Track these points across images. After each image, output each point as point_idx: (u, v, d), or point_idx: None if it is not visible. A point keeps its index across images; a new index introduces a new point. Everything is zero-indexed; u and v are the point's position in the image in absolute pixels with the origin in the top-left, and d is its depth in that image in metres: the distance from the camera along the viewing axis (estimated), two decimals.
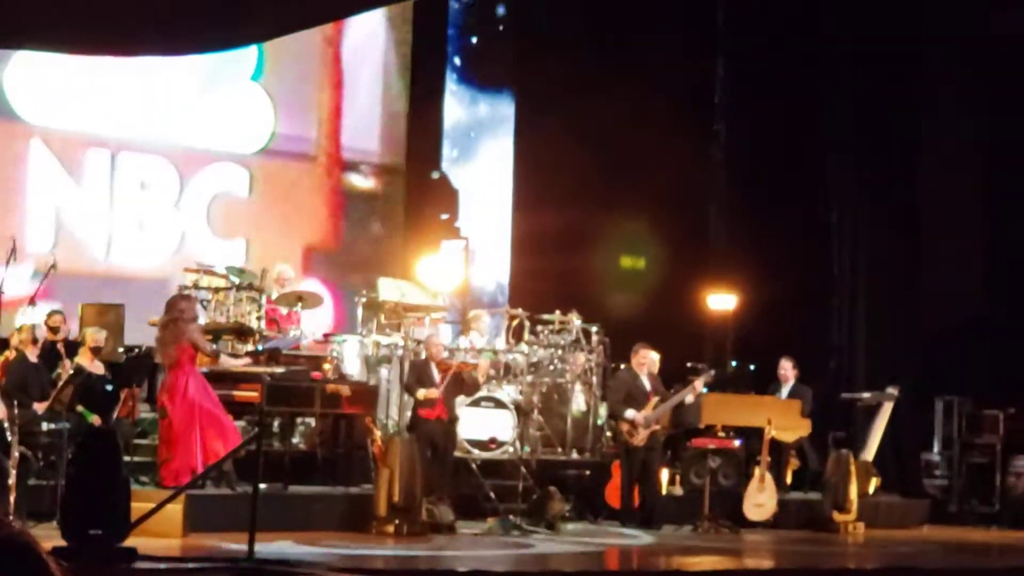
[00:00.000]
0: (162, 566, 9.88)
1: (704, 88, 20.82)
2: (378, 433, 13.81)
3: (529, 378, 15.96)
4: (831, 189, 19.86)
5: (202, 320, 14.38)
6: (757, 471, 15.48)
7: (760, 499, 15.46)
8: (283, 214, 19.19)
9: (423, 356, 14.91)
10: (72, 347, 13.86)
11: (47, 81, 17.25)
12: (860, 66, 19.21)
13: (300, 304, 15.75)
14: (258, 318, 15.25)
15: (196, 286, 15.47)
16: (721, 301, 19.52)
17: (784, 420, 15.90)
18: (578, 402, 16.34)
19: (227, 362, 13.83)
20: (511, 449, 14.96)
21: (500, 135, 21.51)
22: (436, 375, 14.58)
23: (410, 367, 14.87)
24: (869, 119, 19.31)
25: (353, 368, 15.30)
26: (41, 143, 17.41)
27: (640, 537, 14.27)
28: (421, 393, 14.45)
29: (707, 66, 20.67)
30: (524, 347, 16.15)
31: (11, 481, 11.44)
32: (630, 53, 19.68)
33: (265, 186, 19.13)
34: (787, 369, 17.15)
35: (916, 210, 19.50)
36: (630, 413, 15.15)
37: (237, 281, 15.75)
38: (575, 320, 16.50)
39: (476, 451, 14.85)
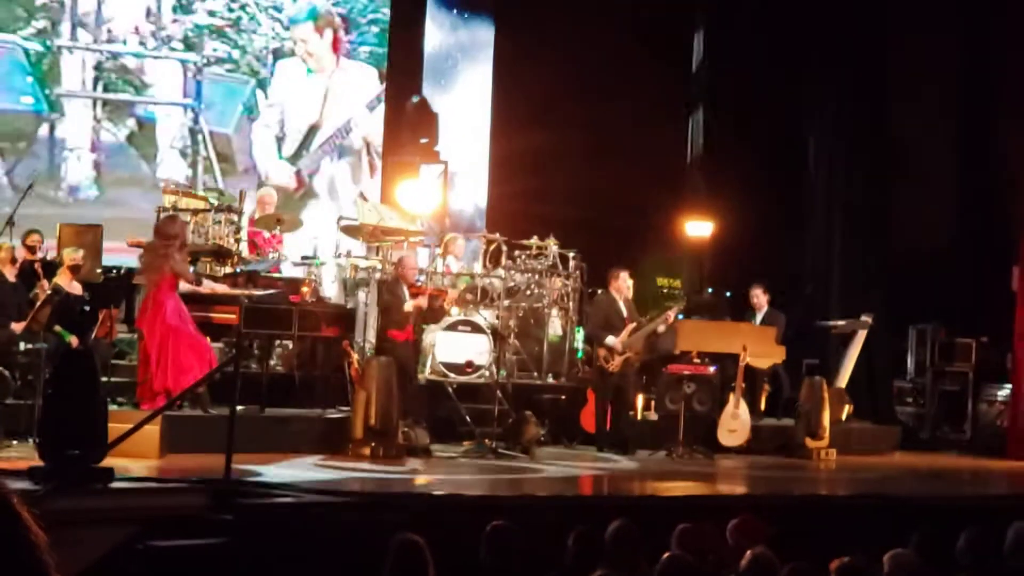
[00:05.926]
0: (138, 486, 9.93)
1: (683, 14, 20.79)
2: (355, 356, 13.83)
3: (506, 303, 15.98)
4: (806, 117, 19.89)
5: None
6: (732, 397, 15.58)
7: (734, 425, 15.56)
8: None
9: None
10: (50, 267, 13.86)
11: None
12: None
13: (279, 227, 15.74)
14: (236, 240, 15.24)
15: (175, 207, 15.45)
16: (698, 228, 19.57)
17: (759, 347, 15.96)
18: (554, 327, 16.36)
19: (210, 286, 13.83)
20: (487, 373, 14.99)
21: (480, 59, 21.43)
22: (407, 297, 14.59)
23: (379, 287, 14.82)
24: (843, 50, 19.29)
25: (331, 291, 15.32)
26: None
27: (615, 462, 14.38)
28: (409, 304, 14.49)
29: None
30: (501, 272, 16.15)
31: None
32: None
33: None
34: (758, 296, 17.22)
35: (889, 138, 19.52)
36: (610, 340, 15.22)
37: (216, 203, 15.73)
38: (552, 245, 16.51)
39: (452, 375, 14.87)
